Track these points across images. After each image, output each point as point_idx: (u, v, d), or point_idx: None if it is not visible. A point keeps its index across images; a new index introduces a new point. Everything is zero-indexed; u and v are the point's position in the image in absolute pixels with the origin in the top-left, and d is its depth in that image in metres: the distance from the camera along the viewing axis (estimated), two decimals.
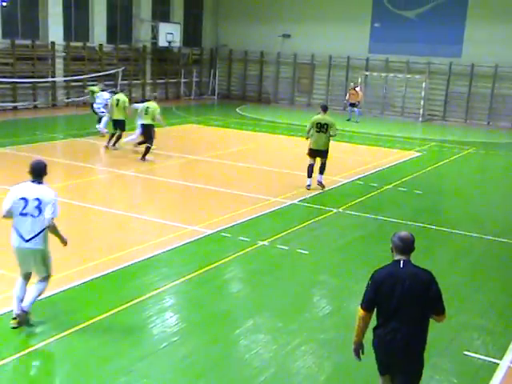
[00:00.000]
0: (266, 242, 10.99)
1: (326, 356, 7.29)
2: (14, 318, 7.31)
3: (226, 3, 37.77)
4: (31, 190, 7.13)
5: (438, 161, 20.37)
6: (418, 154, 21.62)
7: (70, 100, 29.88)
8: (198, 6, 37.65)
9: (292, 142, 23.08)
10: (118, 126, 19.06)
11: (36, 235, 7.13)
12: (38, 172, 7.22)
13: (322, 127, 14.95)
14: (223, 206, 13.51)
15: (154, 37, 33.80)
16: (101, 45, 31.12)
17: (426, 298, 5.23)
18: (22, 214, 7.10)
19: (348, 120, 28.75)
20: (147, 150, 17.65)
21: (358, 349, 5.51)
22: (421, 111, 31.92)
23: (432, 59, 31.90)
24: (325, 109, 15.21)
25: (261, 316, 8.15)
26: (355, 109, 29.15)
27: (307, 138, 15.36)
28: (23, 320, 7.31)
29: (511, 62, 30.12)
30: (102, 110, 20.87)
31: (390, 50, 32.88)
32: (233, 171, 17.37)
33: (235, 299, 8.84)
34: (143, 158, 17.56)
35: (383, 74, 33.06)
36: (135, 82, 33.69)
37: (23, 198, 7.10)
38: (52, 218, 7.08)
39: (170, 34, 33.84)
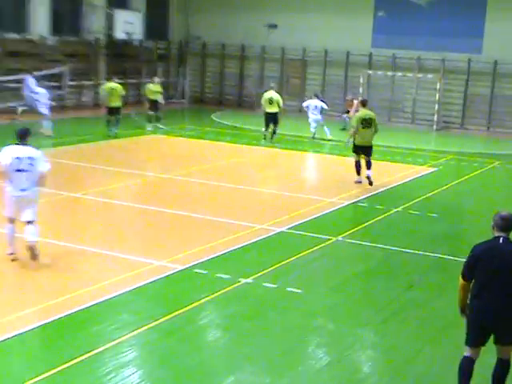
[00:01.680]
0: (249, 280, 11.00)
1: None
2: (11, 254, 11.10)
3: None
4: (22, 150, 10.62)
5: (456, 177, 20.56)
6: (433, 169, 21.82)
7: (5, 105, 29.77)
8: None
9: (280, 156, 23.17)
10: (116, 113, 24.81)
11: (31, 186, 10.69)
12: (24, 135, 10.76)
13: (367, 122, 17.79)
14: (197, 235, 13.50)
15: (110, 27, 33.91)
16: (42, 37, 31.17)
17: None
18: (18, 170, 10.53)
19: (343, 129, 28.71)
20: (274, 133, 24.96)
21: (463, 311, 7.50)
22: (435, 118, 32.26)
23: (447, 55, 32.29)
24: (365, 103, 18.47)
25: (244, 371, 8.14)
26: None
27: (351, 136, 18.26)
28: (36, 252, 10.96)
29: None
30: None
31: (398, 45, 33.22)
32: (208, 192, 17.38)
33: (212, 350, 8.83)
34: (271, 138, 24.94)
35: (389, 73, 33.38)
36: (86, 82, 33.68)
37: (17, 158, 10.53)
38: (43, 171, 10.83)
39: (130, 23, 33.99)
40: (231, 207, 15.95)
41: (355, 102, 28.15)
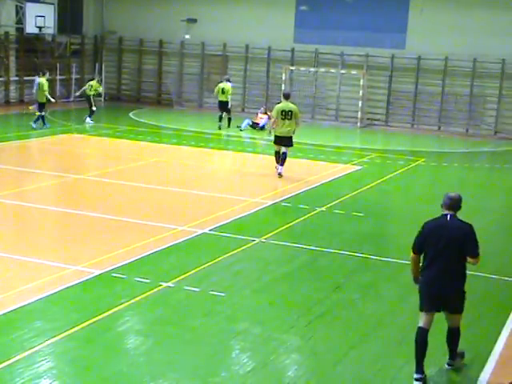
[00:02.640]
0: (170, 283, 10.96)
1: None
2: None
3: None
4: None
5: (381, 176, 20.90)
6: (357, 167, 22.16)
7: None
8: None
9: (201, 155, 23.16)
10: (42, 108, 26.25)
11: None
12: None
13: (286, 114, 19.13)
14: (114, 238, 13.39)
15: (20, 21, 33.27)
16: None
17: (465, 243, 8.15)
18: None
19: (239, 127, 29.01)
20: (230, 120, 28.80)
21: (417, 279, 8.50)
22: (359, 115, 32.74)
23: (371, 51, 32.86)
24: (287, 96, 19.74)
25: (166, 378, 8.11)
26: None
27: (270, 131, 19.98)
28: None
29: (464, 54, 31.42)
30: None
31: (321, 40, 33.62)
32: (126, 193, 17.25)
33: (133, 357, 8.76)
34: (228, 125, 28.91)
35: (312, 69, 33.73)
36: None
37: None
38: None
39: (41, 17, 33.40)
40: (151, 208, 15.85)
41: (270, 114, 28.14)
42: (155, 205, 16.31)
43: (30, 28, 33.10)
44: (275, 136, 19.44)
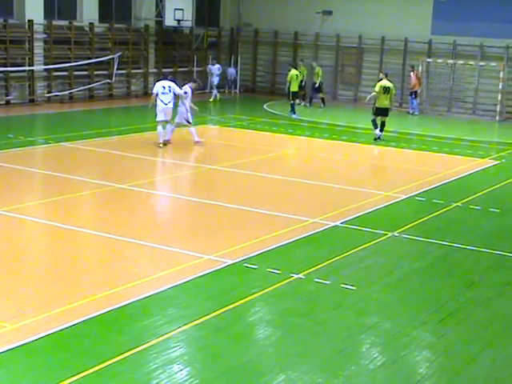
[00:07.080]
0: (301, 275, 10.99)
1: None
2: (162, 143, 20.78)
3: None
4: (166, 82, 20.74)
5: None
6: (495, 162, 21.52)
7: (52, 94, 30.23)
8: None
9: (334, 148, 23.09)
10: (294, 97, 30.23)
11: (169, 102, 20.53)
12: (168, 75, 22.37)
13: (386, 90, 23.60)
14: (247, 228, 13.54)
15: (159, 14, 34.14)
16: (91, 24, 31.50)
17: None
18: (163, 93, 20.47)
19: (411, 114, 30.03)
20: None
21: None
22: (498, 108, 31.79)
23: None
24: (387, 75, 24.44)
25: (295, 369, 8.13)
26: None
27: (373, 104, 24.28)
28: (167, 144, 20.97)
29: None
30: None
31: (459, 31, 32.81)
32: (259, 184, 17.41)
33: (262, 348, 8.83)
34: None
35: (450, 61, 32.99)
36: (135, 71, 34.00)
37: (163, 86, 20.52)
38: (180, 93, 20.95)
39: (180, 10, 34.15)
40: (282, 200, 15.95)
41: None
42: (287, 196, 16.39)
43: (169, 21, 33.90)
44: (377, 108, 23.73)
